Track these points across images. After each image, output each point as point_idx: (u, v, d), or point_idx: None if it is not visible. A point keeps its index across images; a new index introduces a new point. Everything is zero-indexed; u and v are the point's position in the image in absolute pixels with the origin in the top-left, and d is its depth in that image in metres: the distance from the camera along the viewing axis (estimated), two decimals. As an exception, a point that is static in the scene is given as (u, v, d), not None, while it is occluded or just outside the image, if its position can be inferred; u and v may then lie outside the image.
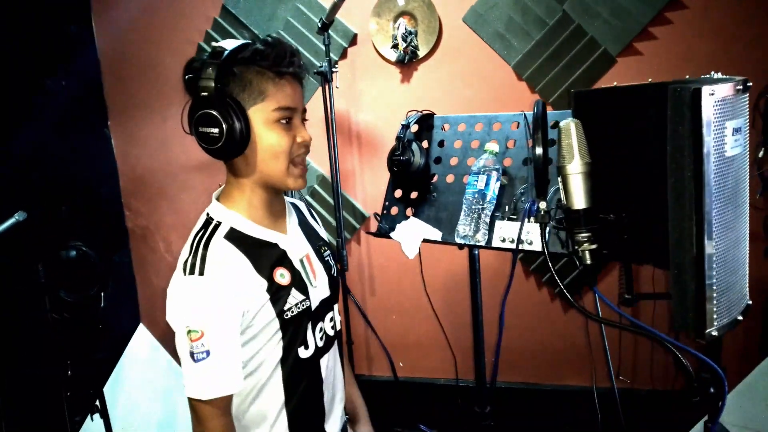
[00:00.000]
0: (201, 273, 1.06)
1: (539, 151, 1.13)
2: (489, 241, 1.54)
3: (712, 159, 0.81)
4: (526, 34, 2.45)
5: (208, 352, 1.04)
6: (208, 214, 1.18)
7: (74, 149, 2.88)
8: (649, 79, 2.44)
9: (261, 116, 1.12)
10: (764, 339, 2.34)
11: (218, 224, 1.15)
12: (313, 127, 1.71)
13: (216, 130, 1.08)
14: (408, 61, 2.59)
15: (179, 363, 1.11)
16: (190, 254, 1.10)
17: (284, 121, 1.14)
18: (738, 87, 0.84)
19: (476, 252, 1.73)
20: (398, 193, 1.78)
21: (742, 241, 0.91)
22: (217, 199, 1.22)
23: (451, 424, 2.68)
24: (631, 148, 1.14)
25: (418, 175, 1.73)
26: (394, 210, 1.77)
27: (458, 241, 1.56)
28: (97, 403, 2.22)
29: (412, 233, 1.64)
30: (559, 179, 1.12)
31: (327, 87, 2.42)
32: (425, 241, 1.64)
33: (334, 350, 1.33)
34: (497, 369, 1.84)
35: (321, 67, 2.40)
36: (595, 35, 2.37)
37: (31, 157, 2.62)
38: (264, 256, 1.15)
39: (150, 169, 3.09)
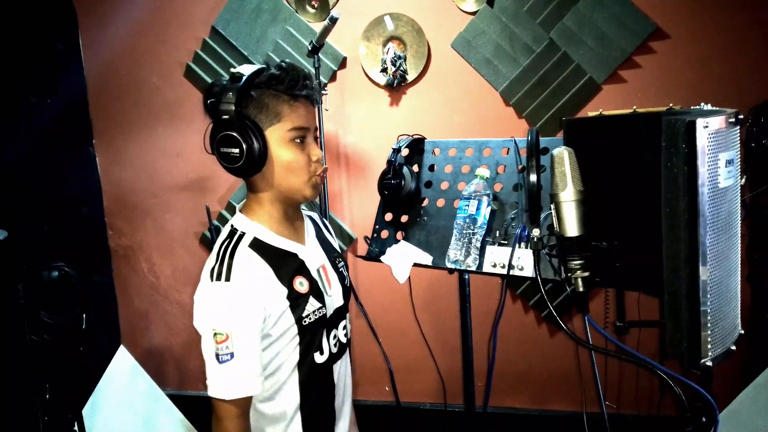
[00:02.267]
0: (227, 279, 1.15)
1: (533, 178, 1.14)
2: (480, 266, 1.54)
3: (707, 190, 0.83)
4: (513, 60, 2.49)
5: (232, 354, 1.12)
6: (232, 226, 1.26)
7: (58, 167, 2.84)
8: (634, 107, 2.48)
9: (277, 136, 1.21)
10: (748, 364, 2.36)
11: (242, 234, 1.23)
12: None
13: (237, 150, 1.17)
14: (397, 85, 2.61)
15: (202, 367, 1.17)
16: (216, 262, 1.18)
17: (298, 140, 1.23)
18: (730, 120, 0.86)
19: (466, 277, 1.72)
20: (389, 217, 1.78)
21: (734, 271, 0.92)
22: (240, 211, 1.30)
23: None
24: (623, 176, 1.15)
25: (408, 199, 1.73)
26: (385, 233, 1.77)
27: (449, 265, 1.56)
28: (76, 427, 2.16)
29: (403, 257, 1.64)
30: (552, 206, 1.13)
31: (316, 110, 2.42)
32: (416, 265, 1.64)
33: (346, 357, 1.41)
34: (489, 395, 1.82)
35: (322, 92, 2.41)
36: (580, 63, 2.42)
37: (13, 174, 2.58)
38: (285, 265, 1.24)
39: (134, 189, 3.06)
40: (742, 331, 0.96)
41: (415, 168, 1.78)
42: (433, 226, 1.69)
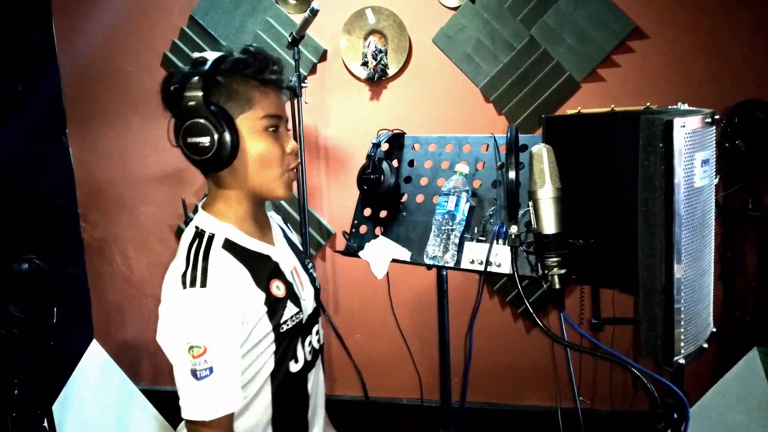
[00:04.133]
0: (203, 285, 1.02)
1: (512, 175, 1.14)
2: (458, 262, 1.54)
3: (682, 189, 0.83)
4: (494, 57, 2.49)
5: (211, 369, 1.00)
6: (197, 227, 1.13)
7: (30, 157, 2.77)
8: (612, 106, 2.50)
9: (249, 125, 1.11)
10: (718, 361, 2.40)
11: (212, 235, 1.11)
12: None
13: (206, 140, 1.05)
14: (377, 79, 2.60)
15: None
16: (188, 267, 1.04)
17: (272, 129, 1.13)
18: (707, 120, 0.86)
19: (444, 273, 1.72)
20: (367, 212, 1.77)
21: (707, 270, 0.93)
22: (204, 209, 1.18)
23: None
24: (600, 174, 1.16)
25: (387, 195, 1.72)
26: (363, 229, 1.76)
27: (427, 261, 1.55)
28: (45, 424, 2.12)
29: (381, 253, 1.63)
30: (530, 204, 1.13)
31: (296, 102, 2.40)
32: (394, 261, 1.63)
33: (319, 364, 1.32)
34: (466, 392, 1.83)
35: (290, 81, 2.38)
36: (560, 60, 2.43)
37: (-17, 164, 2.52)
38: (260, 268, 1.13)
39: (109, 180, 3.00)
40: (714, 329, 0.98)
41: (395, 163, 1.78)
42: (412, 221, 1.69)
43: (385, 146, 1.76)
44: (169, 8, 2.78)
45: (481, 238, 1.55)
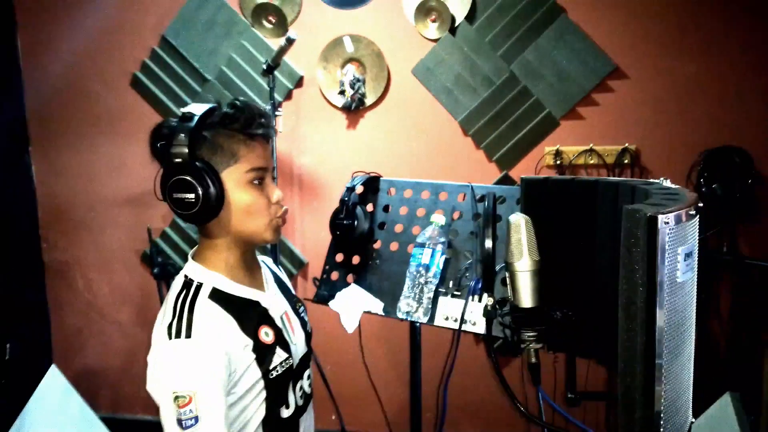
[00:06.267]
0: (188, 336, 1.05)
1: (489, 245, 1.09)
2: (432, 318, 1.48)
3: (665, 287, 0.79)
4: (473, 91, 2.46)
5: (197, 419, 1.01)
6: (186, 276, 1.15)
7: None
8: (591, 144, 2.48)
9: (234, 178, 1.13)
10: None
11: (200, 285, 1.13)
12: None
13: (192, 196, 1.08)
14: (355, 108, 2.54)
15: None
16: (174, 318, 1.07)
17: (257, 182, 1.15)
18: (691, 212, 0.82)
19: (418, 325, 1.67)
20: (339, 257, 1.71)
21: (688, 362, 0.89)
22: (193, 259, 1.19)
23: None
24: (579, 241, 1.12)
25: (361, 240, 1.67)
26: (335, 275, 1.69)
27: (400, 316, 1.50)
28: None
29: (353, 303, 1.57)
30: (507, 275, 1.09)
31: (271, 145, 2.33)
32: (366, 312, 1.57)
33: (310, 409, 1.32)
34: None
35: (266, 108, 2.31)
36: (540, 97, 2.40)
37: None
38: (248, 316, 1.15)
39: (71, 201, 2.89)
40: (693, 420, 0.94)
41: (369, 207, 1.72)
42: (385, 270, 1.63)
43: (359, 188, 1.71)
44: (139, 27, 2.69)
45: (456, 293, 1.50)
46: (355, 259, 1.69)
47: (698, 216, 0.86)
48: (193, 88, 2.68)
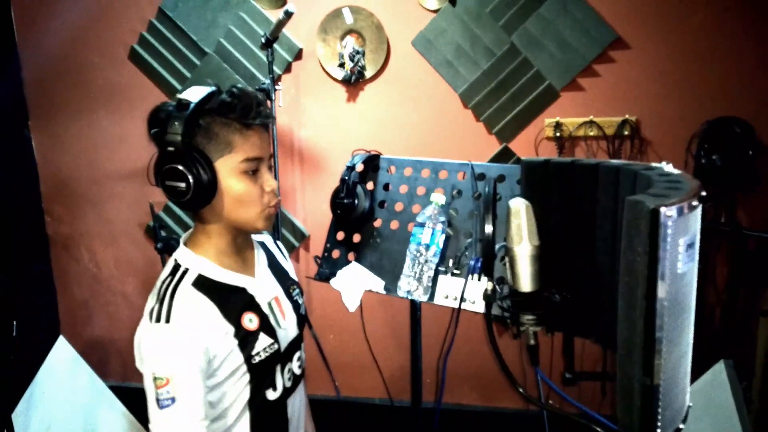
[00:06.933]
0: (167, 321, 1.08)
1: (489, 230, 1.11)
2: (432, 296, 1.51)
3: (667, 278, 0.81)
4: (473, 63, 2.43)
5: (173, 399, 1.06)
6: (176, 260, 1.18)
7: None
8: (591, 116, 2.47)
9: (228, 167, 1.13)
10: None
11: (186, 270, 1.15)
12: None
13: (183, 185, 1.09)
14: (354, 81, 2.53)
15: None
16: (156, 302, 1.11)
17: (251, 172, 1.16)
18: (693, 203, 0.83)
19: (418, 302, 1.70)
20: (340, 236, 1.73)
21: (686, 352, 0.92)
22: (185, 244, 1.21)
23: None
24: (580, 225, 1.13)
25: (361, 219, 1.68)
26: (336, 253, 1.72)
27: (401, 295, 1.53)
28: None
29: (354, 282, 1.60)
30: (506, 259, 1.11)
31: (269, 104, 2.32)
32: (367, 291, 1.60)
33: (301, 389, 1.35)
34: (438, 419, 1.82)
35: (264, 84, 2.30)
36: (540, 68, 2.38)
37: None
38: (232, 302, 1.17)
39: (74, 176, 2.90)
40: (691, 404, 0.97)
41: (370, 185, 1.73)
42: (386, 248, 1.65)
43: (359, 167, 1.71)
44: (136, -1, 2.65)
45: (456, 271, 1.53)
46: (356, 238, 1.71)
47: (701, 206, 0.87)
48: (192, 62, 2.66)
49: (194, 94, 1.11)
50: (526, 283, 1.09)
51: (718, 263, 2.42)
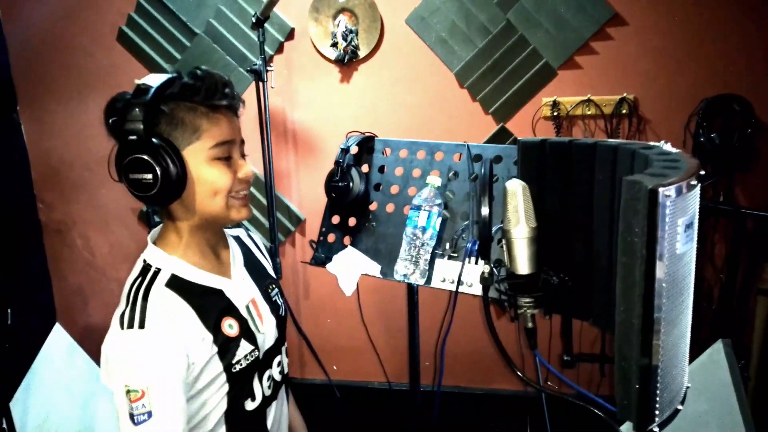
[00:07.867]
0: (141, 326, 0.97)
1: (485, 212, 1.09)
2: (429, 279, 1.49)
3: (665, 259, 0.79)
4: (469, 41, 2.39)
5: (150, 414, 0.95)
6: (145, 261, 1.08)
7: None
8: (588, 95, 2.43)
9: (198, 155, 1.05)
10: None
11: (157, 271, 1.05)
12: (246, 124, 1.59)
13: (149, 176, 0.99)
14: (348, 61, 2.48)
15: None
16: (127, 306, 1.00)
17: (223, 159, 1.07)
18: (692, 182, 0.81)
19: (415, 286, 1.68)
20: (336, 219, 1.70)
21: (684, 333, 0.90)
22: (154, 243, 1.11)
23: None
24: (578, 206, 1.11)
25: (357, 202, 1.66)
26: (331, 237, 1.69)
27: (397, 278, 1.51)
28: (4, 424, 2.06)
29: (350, 266, 1.58)
30: (503, 242, 1.08)
31: (261, 86, 2.28)
32: (363, 275, 1.58)
33: (281, 395, 1.27)
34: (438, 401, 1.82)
35: (255, 65, 2.25)
36: (537, 46, 2.34)
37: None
38: (209, 306, 1.07)
39: (65, 161, 2.86)
40: (689, 385, 0.96)
41: (365, 168, 1.70)
42: (381, 232, 1.63)
43: (354, 149, 1.68)
44: (123, -22, 2.59)
45: (453, 254, 1.50)
46: (352, 221, 1.68)
47: (699, 185, 0.85)
48: (182, 43, 2.60)
49: (154, 79, 1.02)
50: (523, 265, 1.07)
51: (716, 242, 2.41)
